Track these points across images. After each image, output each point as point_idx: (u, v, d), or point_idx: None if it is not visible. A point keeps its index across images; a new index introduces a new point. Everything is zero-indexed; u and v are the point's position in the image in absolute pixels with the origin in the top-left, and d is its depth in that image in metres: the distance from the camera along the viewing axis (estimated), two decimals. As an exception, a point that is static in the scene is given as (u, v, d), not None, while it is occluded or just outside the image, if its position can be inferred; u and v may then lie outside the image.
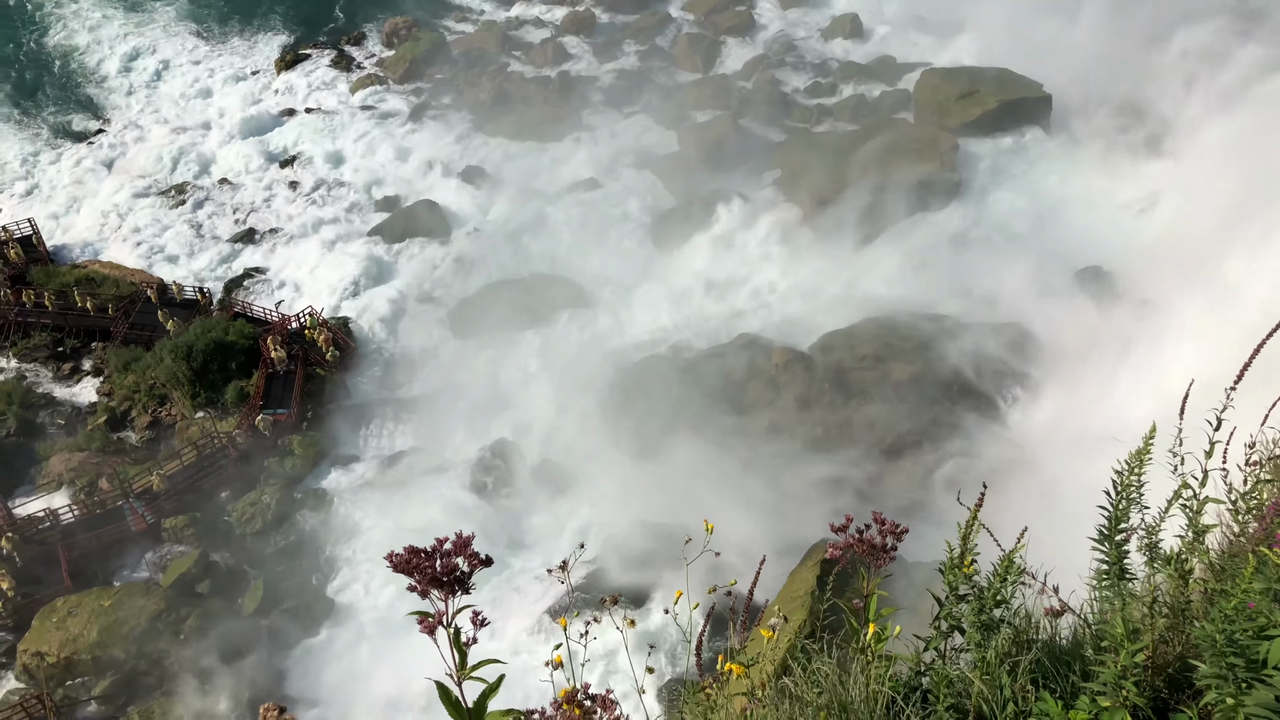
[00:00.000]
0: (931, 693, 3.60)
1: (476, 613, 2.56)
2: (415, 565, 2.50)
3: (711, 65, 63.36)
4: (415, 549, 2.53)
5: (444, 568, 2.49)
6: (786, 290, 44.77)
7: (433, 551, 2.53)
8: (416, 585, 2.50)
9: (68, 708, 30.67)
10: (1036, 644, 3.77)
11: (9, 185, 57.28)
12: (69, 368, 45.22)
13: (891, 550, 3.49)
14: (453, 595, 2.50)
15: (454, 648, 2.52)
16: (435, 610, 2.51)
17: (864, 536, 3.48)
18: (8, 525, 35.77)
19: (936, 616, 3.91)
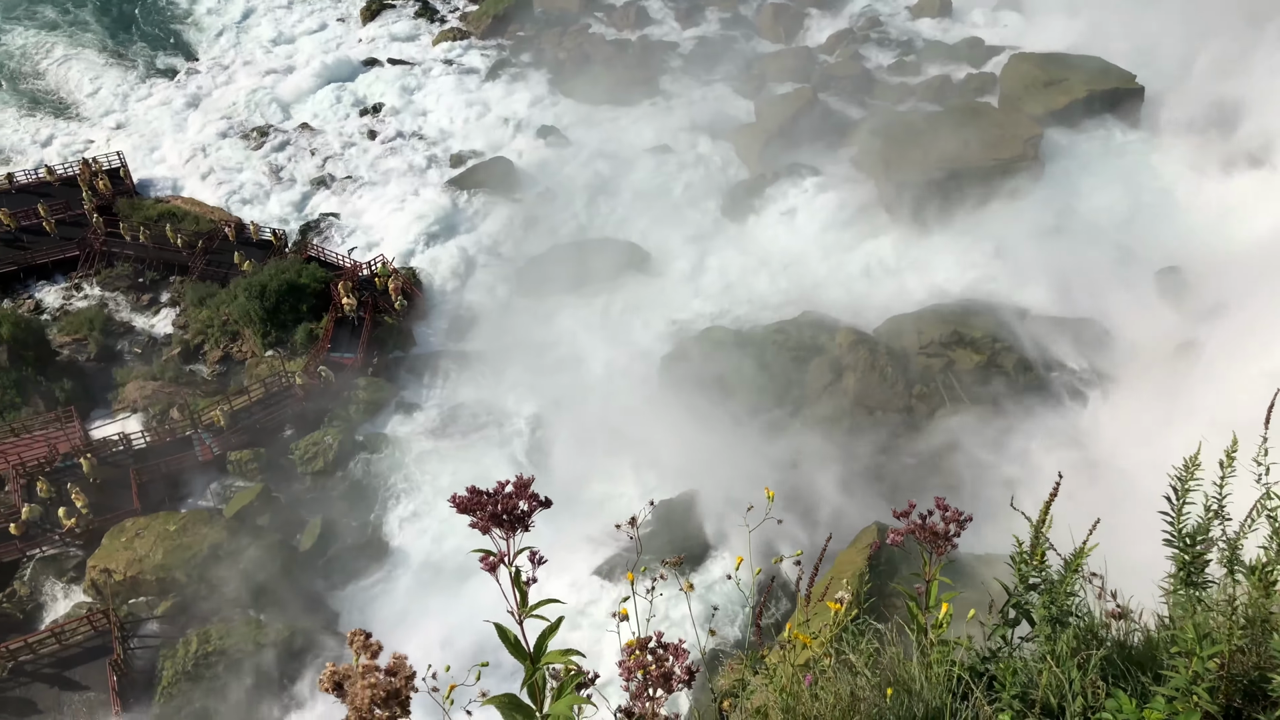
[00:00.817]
0: (997, 680, 3.66)
1: (535, 552, 2.63)
2: (478, 504, 2.57)
3: (794, 37, 62.53)
4: (477, 489, 2.61)
5: (505, 507, 2.55)
6: (856, 269, 44.33)
7: (494, 492, 2.60)
8: (478, 523, 2.56)
9: (130, 624, 31.84)
10: (1106, 642, 3.80)
11: (101, 119, 58.81)
12: (148, 299, 46.53)
13: (954, 538, 3.53)
14: (513, 534, 2.56)
15: (515, 586, 2.60)
16: (497, 550, 2.58)
17: (926, 523, 3.50)
18: (85, 446, 37.09)
19: (1005, 605, 3.96)
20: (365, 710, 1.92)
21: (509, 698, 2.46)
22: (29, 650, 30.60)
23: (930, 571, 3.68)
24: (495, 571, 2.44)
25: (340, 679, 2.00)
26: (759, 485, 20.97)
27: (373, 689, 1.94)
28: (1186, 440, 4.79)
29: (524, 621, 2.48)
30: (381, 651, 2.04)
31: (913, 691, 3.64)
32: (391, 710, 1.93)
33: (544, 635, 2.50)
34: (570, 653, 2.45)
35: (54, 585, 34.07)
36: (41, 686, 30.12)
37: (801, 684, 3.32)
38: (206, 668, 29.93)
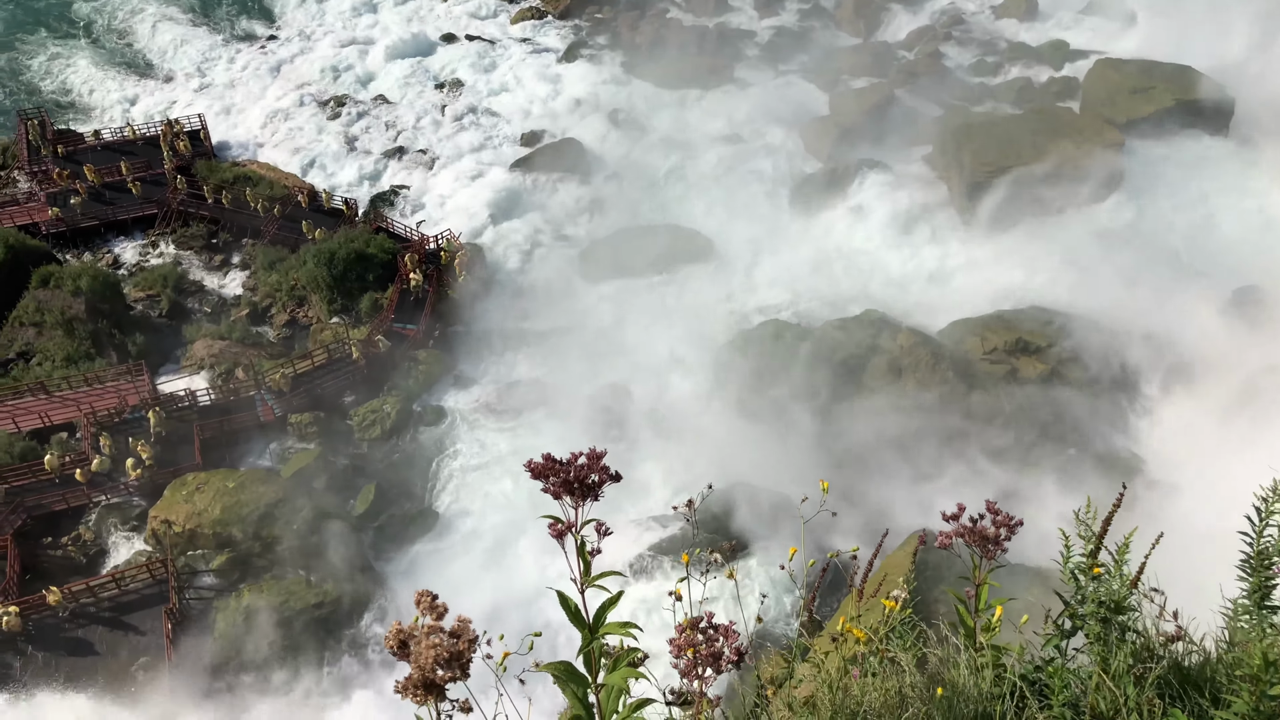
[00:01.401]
0: (1048, 687, 3.62)
1: (601, 524, 2.66)
2: (552, 471, 2.61)
3: (874, 31, 61.75)
4: (552, 457, 2.66)
5: (577, 476, 2.59)
6: (921, 270, 43.76)
7: (568, 462, 2.64)
8: (550, 488, 2.61)
9: (186, 575, 32.73)
10: (1163, 659, 3.74)
11: (185, 81, 60.16)
12: (220, 260, 47.60)
13: (1004, 541, 3.49)
14: (582, 504, 2.60)
15: (579, 556, 2.64)
16: (565, 519, 2.62)
17: (976, 526, 3.47)
18: (153, 400, 38.13)
19: (1060, 615, 3.91)
20: (429, 669, 1.97)
21: (564, 665, 2.50)
22: (90, 593, 31.62)
23: (980, 575, 3.64)
24: (562, 539, 2.49)
25: (405, 638, 2.05)
26: (809, 481, 21.07)
27: (436, 649, 1.99)
28: (1252, 466, 4.67)
29: (585, 592, 2.52)
30: (446, 613, 2.10)
31: (961, 693, 3.62)
32: (452, 671, 1.98)
33: (604, 606, 2.54)
34: (629, 625, 2.49)
35: (117, 532, 35.11)
36: (100, 629, 31.11)
37: (849, 677, 3.32)
38: (256, 623, 30.64)
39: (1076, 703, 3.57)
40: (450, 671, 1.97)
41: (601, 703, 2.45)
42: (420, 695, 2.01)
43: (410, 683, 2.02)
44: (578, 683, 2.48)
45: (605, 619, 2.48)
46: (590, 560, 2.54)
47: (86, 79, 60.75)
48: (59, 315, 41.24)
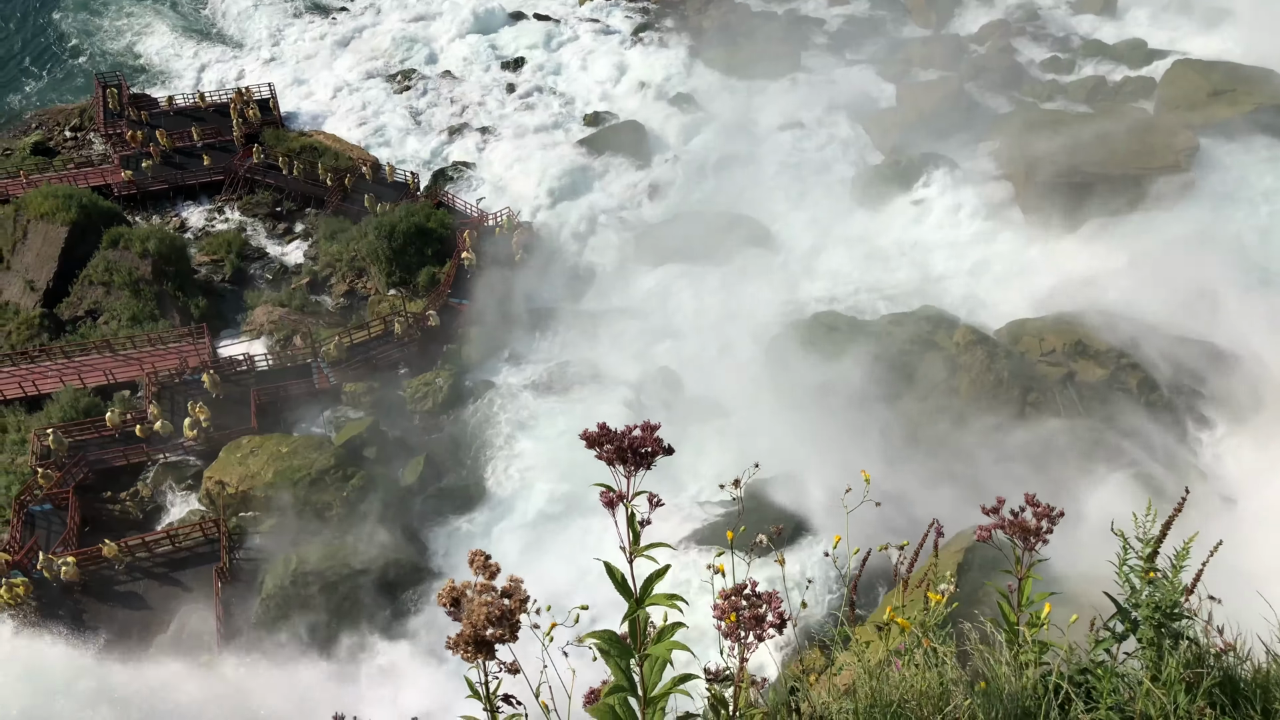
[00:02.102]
0: (1095, 690, 3.56)
1: (653, 495, 2.67)
2: (606, 439, 2.63)
3: (946, 23, 60.75)
4: (606, 426, 2.67)
5: (630, 445, 2.60)
6: (982, 268, 43.09)
7: (622, 432, 2.66)
8: (603, 456, 2.62)
9: (238, 535, 33.46)
10: (1215, 669, 3.66)
11: (257, 50, 61.10)
12: (283, 228, 48.38)
13: (1045, 534, 3.43)
14: (634, 474, 2.61)
15: (630, 526, 2.65)
16: (618, 488, 2.63)
17: (1018, 518, 3.41)
18: (212, 363, 38.95)
19: (1111, 618, 3.85)
20: (480, 626, 1.99)
21: (609, 635, 2.51)
22: (145, 548, 32.48)
23: (1022, 569, 3.58)
24: (613, 508, 2.50)
25: (458, 595, 2.08)
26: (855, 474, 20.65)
27: (488, 607, 2.01)
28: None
29: (633, 562, 2.53)
30: (499, 573, 2.12)
31: (1003, 689, 3.58)
32: (502, 630, 2.00)
33: (651, 578, 2.54)
34: (675, 597, 2.49)
35: (173, 490, 35.97)
36: (153, 583, 31.95)
37: (891, 666, 3.29)
38: (303, 586, 31.21)
39: (1124, 707, 3.52)
40: (500, 630, 1.99)
41: (645, 674, 2.46)
42: (470, 652, 2.03)
43: (461, 639, 2.05)
44: (621, 653, 2.49)
45: (652, 590, 2.48)
46: (640, 531, 2.54)
47: (162, 45, 62.00)
48: (127, 276, 42.24)
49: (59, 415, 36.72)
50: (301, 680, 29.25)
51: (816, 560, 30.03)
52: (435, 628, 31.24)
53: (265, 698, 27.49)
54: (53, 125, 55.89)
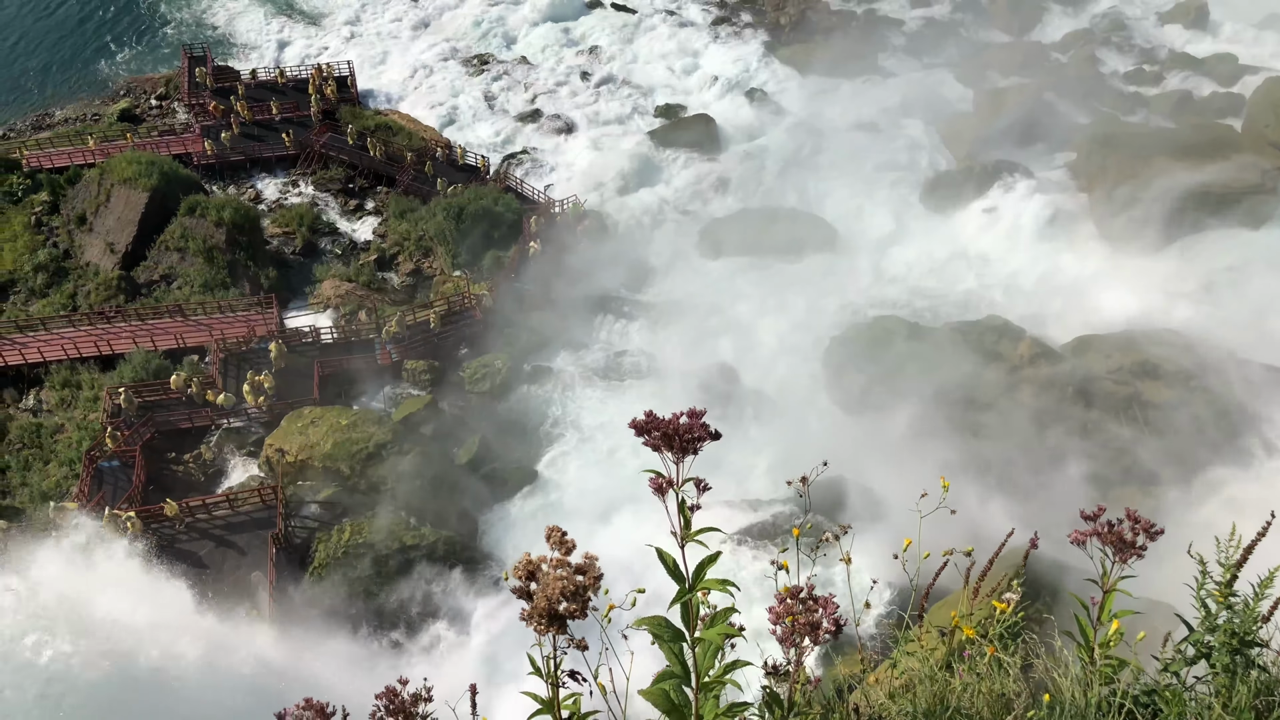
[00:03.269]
0: (1161, 712, 3.51)
1: (700, 480, 2.68)
2: (654, 426, 2.65)
3: (1028, 30, 59.63)
4: (653, 413, 2.70)
5: (678, 431, 2.62)
6: (1051, 280, 42.27)
7: (669, 419, 2.68)
8: (651, 442, 2.65)
9: (294, 504, 34.16)
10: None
11: (338, 28, 62.09)
12: (354, 204, 49.17)
13: (1141, 549, 3.37)
14: (682, 459, 2.62)
15: (680, 511, 2.67)
16: (667, 474, 2.65)
17: (1114, 529, 3.36)
18: (279, 333, 39.77)
19: (1183, 640, 3.79)
20: (554, 600, 2.04)
21: (661, 620, 2.55)
22: (205, 510, 33.33)
23: (1109, 581, 3.51)
24: (663, 494, 2.54)
25: (533, 569, 2.13)
26: (910, 482, 20.63)
27: (563, 582, 2.07)
28: None
29: (685, 547, 2.56)
30: (575, 550, 2.17)
31: (1068, 704, 3.55)
32: (575, 606, 2.05)
33: (703, 563, 2.57)
34: (727, 582, 2.52)
35: (234, 456, 36.84)
36: (210, 544, 32.78)
37: (952, 674, 3.29)
38: (354, 557, 31.79)
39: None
40: (573, 605, 2.04)
41: (697, 659, 2.50)
42: (543, 625, 2.09)
43: (535, 611, 2.10)
44: (674, 637, 2.53)
45: (704, 575, 2.51)
46: (690, 516, 2.57)
47: (248, 20, 63.30)
48: (201, 243, 43.28)
49: (130, 375, 37.80)
50: (343, 649, 29.78)
51: (871, 563, 29.75)
52: (482, 607, 31.64)
53: (309, 663, 28.05)
54: (140, 93, 57.44)
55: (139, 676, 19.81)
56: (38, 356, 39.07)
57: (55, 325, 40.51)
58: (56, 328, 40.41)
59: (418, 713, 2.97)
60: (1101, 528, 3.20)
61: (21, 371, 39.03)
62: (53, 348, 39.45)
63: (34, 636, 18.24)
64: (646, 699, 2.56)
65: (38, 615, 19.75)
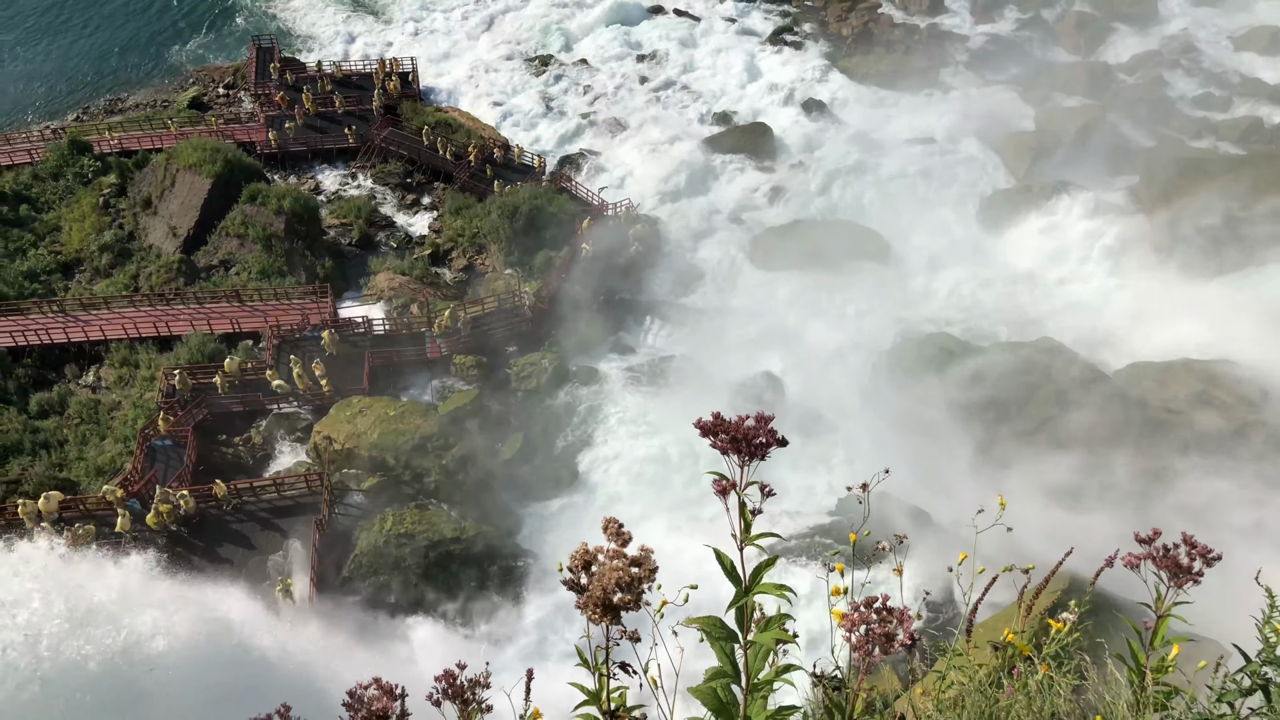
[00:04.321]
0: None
1: (764, 485, 2.70)
2: (721, 428, 2.69)
3: (1094, 50, 58.77)
4: (721, 416, 2.74)
5: (745, 435, 2.65)
6: (1108, 305, 41.64)
7: (737, 422, 2.71)
8: (717, 444, 2.69)
9: (339, 491, 34.65)
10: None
11: (402, 25, 62.94)
12: (411, 199, 49.78)
13: (1197, 575, 3.35)
14: (748, 464, 2.65)
15: (741, 514, 2.71)
16: (730, 478, 2.69)
17: (1170, 554, 3.34)
18: (332, 322, 40.38)
19: (1240, 670, 3.77)
20: (609, 590, 2.12)
21: (715, 620, 2.63)
22: (252, 492, 33.92)
23: (1163, 606, 3.48)
24: (725, 496, 2.60)
25: (590, 559, 2.22)
26: (952, 498, 20.41)
27: (619, 573, 2.14)
28: None
29: (743, 550, 2.62)
30: (630, 541, 2.25)
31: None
32: (630, 597, 2.13)
33: (761, 567, 2.64)
34: (783, 587, 2.58)
35: (283, 441, 37.44)
36: (256, 526, 33.33)
37: (1001, 689, 3.32)
38: (395, 547, 32.14)
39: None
40: (628, 596, 2.12)
41: (749, 661, 2.57)
42: (598, 614, 2.17)
43: (591, 600, 2.18)
44: (727, 637, 2.60)
45: (761, 579, 2.58)
46: (751, 520, 2.64)
47: (316, 13, 64.38)
48: (261, 231, 44.09)
49: (186, 357, 38.61)
50: (381, 636, 30.15)
51: (915, 577, 29.52)
52: (519, 602, 31.88)
53: (346, 648, 28.44)
54: (208, 82, 58.68)
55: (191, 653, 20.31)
56: (99, 335, 40.07)
57: (117, 305, 41.51)
58: (118, 307, 41.41)
59: (475, 697, 3.07)
60: (1157, 551, 3.20)
61: (83, 348, 40.04)
62: (114, 327, 40.43)
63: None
64: (695, 696, 2.63)
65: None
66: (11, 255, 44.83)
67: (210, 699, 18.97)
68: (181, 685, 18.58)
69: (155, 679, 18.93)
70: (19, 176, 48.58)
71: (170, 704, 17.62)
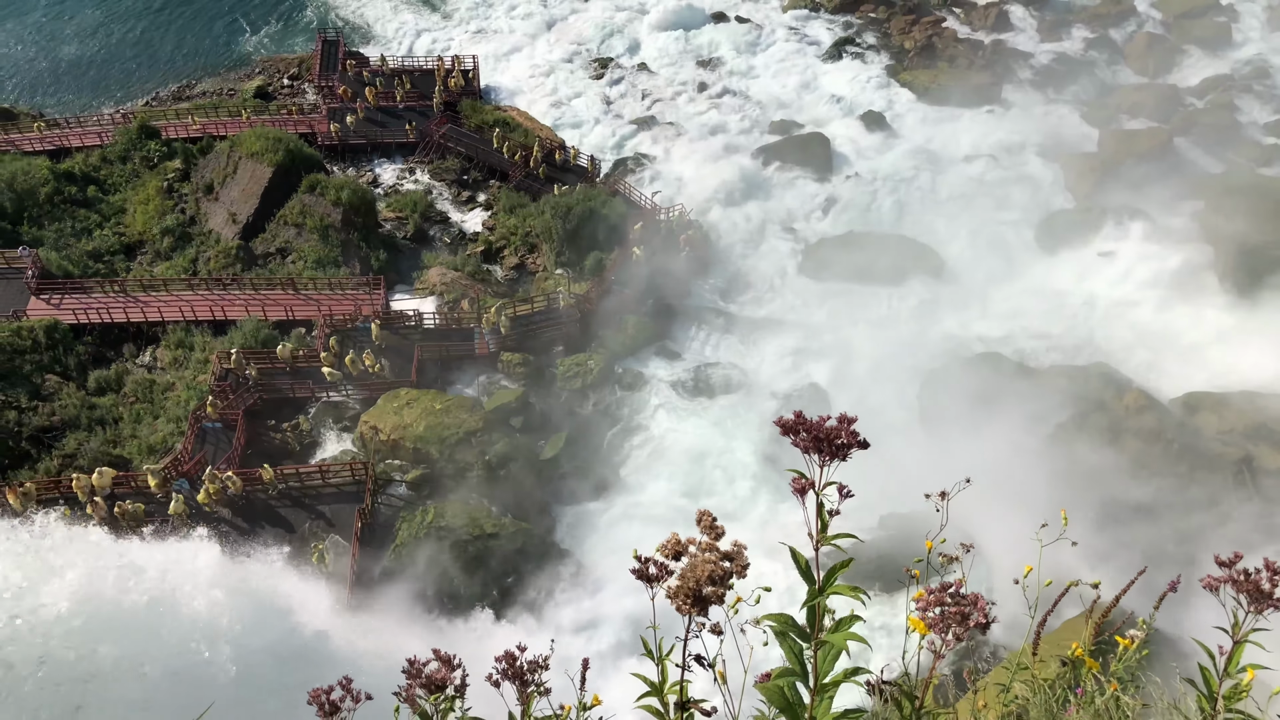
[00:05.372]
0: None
1: (843, 486, 2.68)
2: (802, 427, 2.66)
3: (1164, 72, 57.71)
4: (802, 414, 2.71)
5: (827, 436, 2.62)
6: (1167, 332, 40.79)
7: (818, 422, 2.67)
8: (798, 443, 2.66)
9: (382, 481, 35.02)
10: None
11: (465, 23, 63.57)
12: (466, 196, 50.21)
13: (1278, 602, 3.25)
14: (827, 464, 2.62)
15: (818, 515, 2.68)
16: (808, 477, 2.66)
17: (1251, 578, 3.24)
18: (384, 313, 40.83)
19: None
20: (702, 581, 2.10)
21: (786, 618, 2.60)
22: (298, 478, 34.38)
23: (1240, 631, 3.38)
24: (803, 495, 2.58)
25: (681, 550, 2.20)
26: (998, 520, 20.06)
27: (711, 566, 2.13)
28: None
29: (818, 551, 2.60)
30: (724, 535, 2.23)
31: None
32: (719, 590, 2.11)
33: (836, 568, 2.61)
34: (858, 589, 2.55)
35: (330, 429, 37.92)
36: (300, 512, 33.78)
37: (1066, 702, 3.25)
38: (434, 539, 32.40)
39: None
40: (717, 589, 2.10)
41: (818, 661, 2.53)
42: (687, 605, 2.15)
43: (681, 590, 2.16)
44: (798, 636, 2.57)
45: (835, 580, 2.55)
46: (828, 520, 2.61)
47: (382, 8, 65.23)
48: (318, 221, 44.71)
49: (240, 342, 39.24)
50: (417, 625, 30.37)
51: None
52: (555, 600, 31.98)
53: (380, 637, 28.67)
54: (274, 72, 59.70)
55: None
56: (157, 316, 40.88)
57: (176, 287, 42.32)
58: (176, 290, 42.22)
59: (536, 679, 3.08)
60: (1237, 575, 3.11)
61: (141, 329, 40.87)
62: (171, 308, 41.23)
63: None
64: (762, 694, 2.60)
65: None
66: (78, 235, 45.92)
67: (251, 680, 19.21)
68: (227, 662, 18.87)
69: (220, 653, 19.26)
70: (89, 158, 49.74)
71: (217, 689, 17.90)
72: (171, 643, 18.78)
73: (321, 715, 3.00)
